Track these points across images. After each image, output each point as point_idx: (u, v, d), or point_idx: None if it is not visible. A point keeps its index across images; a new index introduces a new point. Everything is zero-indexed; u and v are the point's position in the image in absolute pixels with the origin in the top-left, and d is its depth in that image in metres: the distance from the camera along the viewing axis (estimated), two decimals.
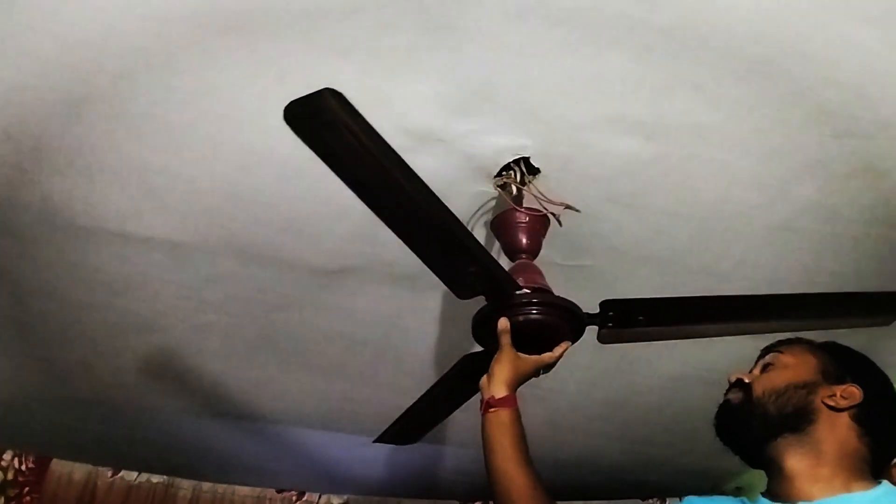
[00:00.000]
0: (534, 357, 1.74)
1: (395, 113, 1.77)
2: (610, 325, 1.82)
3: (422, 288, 2.40)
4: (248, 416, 3.26)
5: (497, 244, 1.99)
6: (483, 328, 1.79)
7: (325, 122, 1.37)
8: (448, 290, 2.37)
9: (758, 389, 1.49)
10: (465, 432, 3.35)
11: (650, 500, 3.79)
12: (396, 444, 2.37)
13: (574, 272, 2.24)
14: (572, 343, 1.79)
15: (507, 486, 1.62)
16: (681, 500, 1.62)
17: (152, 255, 2.29)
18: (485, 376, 1.73)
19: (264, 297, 2.50)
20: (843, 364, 1.49)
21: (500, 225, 1.92)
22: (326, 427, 3.33)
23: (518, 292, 1.74)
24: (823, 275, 2.26)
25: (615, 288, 2.30)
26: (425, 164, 1.90)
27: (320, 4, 1.51)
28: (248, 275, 2.37)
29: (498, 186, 1.95)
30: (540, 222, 1.89)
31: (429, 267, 1.71)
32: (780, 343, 1.59)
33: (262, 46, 1.61)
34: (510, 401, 1.70)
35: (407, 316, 2.54)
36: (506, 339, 1.73)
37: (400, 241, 2.19)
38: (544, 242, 1.91)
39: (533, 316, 1.74)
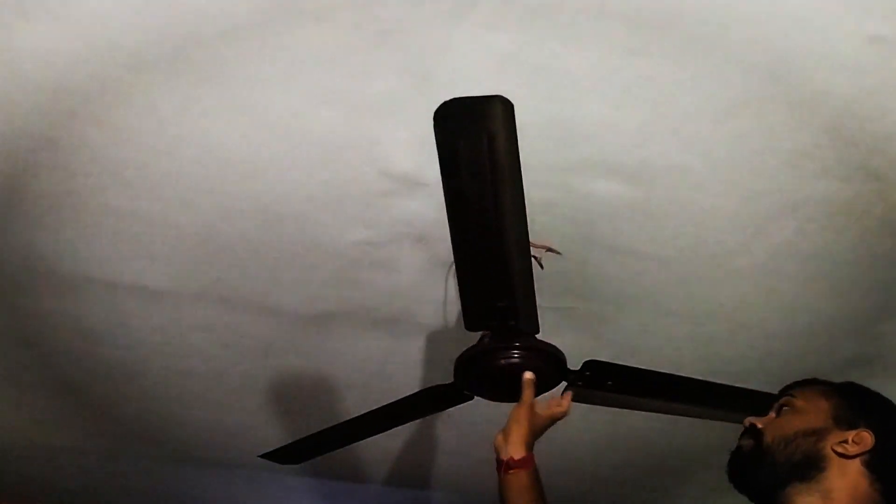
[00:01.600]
0: (547, 412, 1.74)
1: (377, 157, 1.78)
2: (580, 384, 1.84)
3: (404, 332, 2.40)
4: (231, 463, 3.22)
5: None
6: (471, 366, 1.80)
7: (475, 127, 1.34)
8: (431, 334, 2.39)
9: (768, 437, 1.49)
10: (452, 476, 3.33)
11: None
12: (282, 463, 2.42)
13: (555, 315, 2.24)
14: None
15: None
16: None
17: (134, 302, 2.28)
18: (499, 434, 1.71)
19: (246, 343, 2.48)
20: (857, 408, 1.47)
21: None
22: (311, 473, 3.30)
23: (532, 336, 1.77)
24: (803, 315, 2.27)
25: (597, 331, 2.31)
26: (408, 207, 1.92)
27: (301, 50, 1.53)
28: (231, 321, 2.36)
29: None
30: None
31: (460, 287, 1.70)
32: (795, 385, 1.58)
33: (244, 91, 1.63)
34: (529, 461, 1.69)
35: (389, 360, 2.53)
36: (529, 395, 1.72)
37: (381, 286, 2.21)
38: None
39: (522, 362, 1.76)
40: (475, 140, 1.35)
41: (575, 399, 1.86)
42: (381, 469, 3.27)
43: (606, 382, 1.84)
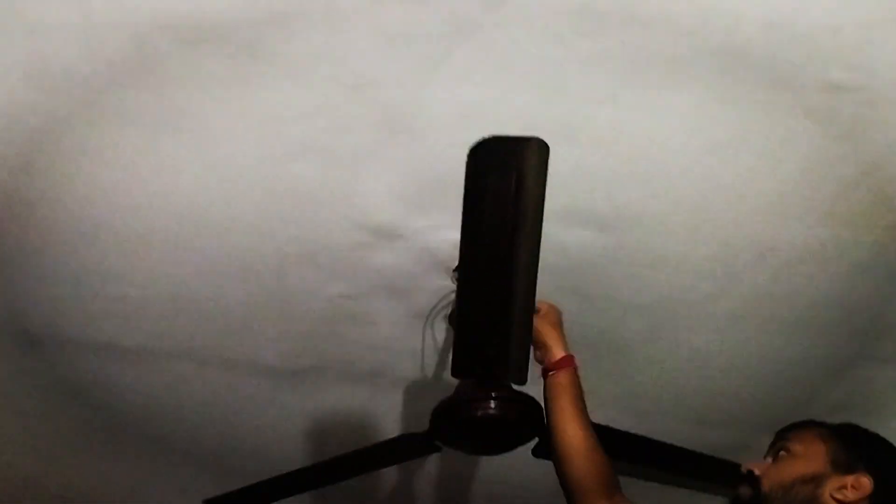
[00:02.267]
0: (555, 311, 1.78)
1: (354, 209, 1.79)
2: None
3: (382, 385, 2.38)
4: None
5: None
6: (446, 416, 1.79)
7: (506, 165, 1.33)
8: (410, 387, 2.37)
9: (766, 485, 1.48)
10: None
11: None
12: None
13: (531, 363, 2.24)
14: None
15: (565, 444, 1.69)
16: None
17: (110, 361, 2.25)
18: (536, 351, 1.74)
19: (225, 400, 2.45)
20: (854, 451, 1.46)
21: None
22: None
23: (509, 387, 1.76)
24: (781, 360, 2.28)
25: None
26: (384, 260, 1.93)
27: (276, 103, 1.54)
28: (206, 379, 2.34)
29: (456, 280, 1.96)
30: None
31: (458, 328, 1.68)
32: (792, 428, 1.57)
33: (218, 146, 1.64)
34: (571, 360, 1.74)
35: (368, 413, 2.50)
36: (548, 303, 1.75)
37: (358, 339, 2.19)
38: None
39: (498, 413, 1.76)
40: (504, 178, 1.35)
41: (540, 456, 1.87)
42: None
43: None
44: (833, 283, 2.01)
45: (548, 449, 1.91)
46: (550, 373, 1.74)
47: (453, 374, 1.75)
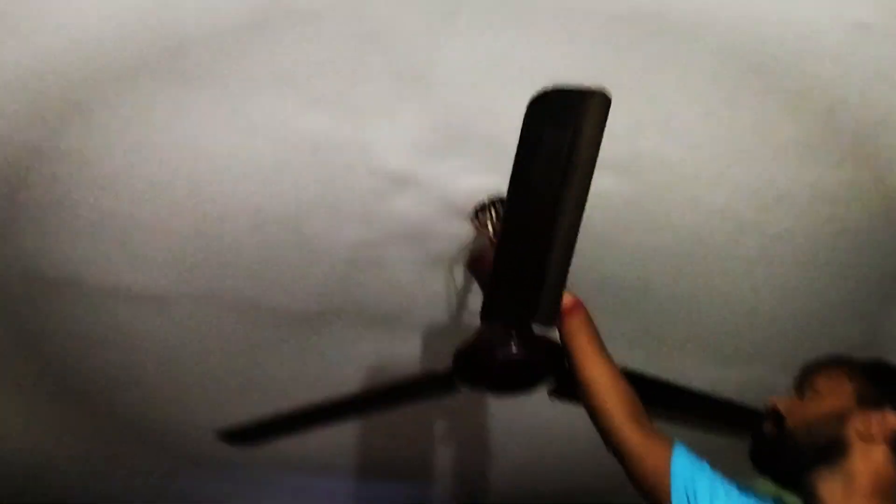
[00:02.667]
0: None
1: (370, 157, 1.78)
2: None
3: (399, 330, 2.40)
4: (229, 463, 3.21)
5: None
6: (469, 358, 1.81)
7: (565, 116, 1.31)
8: (426, 332, 2.39)
9: (790, 422, 1.48)
10: (449, 468, 3.34)
11: None
12: (241, 444, 2.38)
13: None
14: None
15: (590, 380, 1.72)
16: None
17: (128, 307, 2.27)
18: None
19: (244, 345, 2.48)
20: (883, 388, 1.45)
21: (476, 262, 1.93)
22: (308, 471, 3.30)
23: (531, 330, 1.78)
24: (802, 300, 2.28)
25: (597, 322, 2.30)
26: (402, 207, 1.92)
27: (291, 54, 1.52)
28: (227, 322, 2.35)
29: (474, 225, 1.95)
30: None
31: (495, 273, 1.67)
32: (819, 365, 1.56)
33: (234, 96, 1.62)
34: (580, 303, 1.78)
35: (385, 359, 2.53)
36: None
37: (375, 285, 2.20)
38: None
39: (519, 356, 1.78)
40: (561, 130, 1.33)
41: (559, 398, 1.90)
42: (379, 462, 3.27)
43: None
44: (853, 224, 1.99)
45: (565, 391, 1.94)
46: (569, 317, 1.76)
47: (483, 316, 1.74)
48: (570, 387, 1.90)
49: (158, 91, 1.60)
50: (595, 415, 1.73)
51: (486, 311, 1.73)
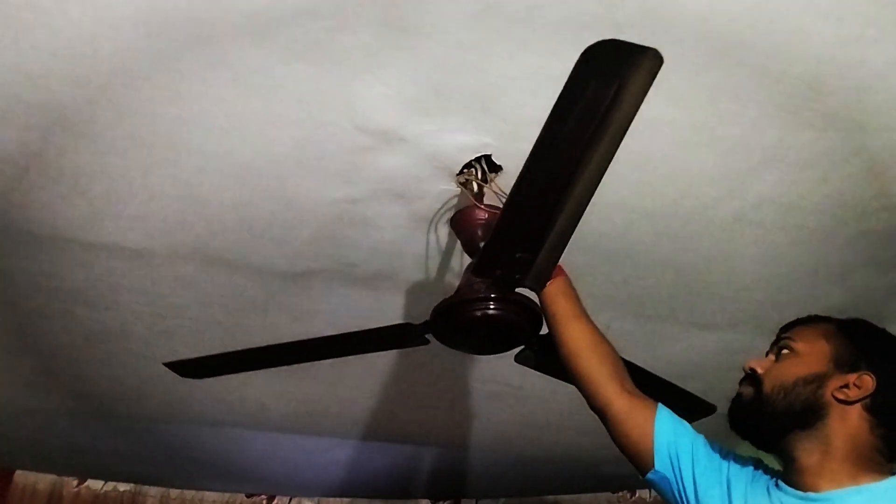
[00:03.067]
0: None
1: (355, 112, 1.76)
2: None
3: (385, 289, 2.40)
4: (214, 422, 3.22)
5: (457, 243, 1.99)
6: (447, 314, 1.79)
7: (611, 71, 1.26)
8: (412, 290, 2.39)
9: (767, 385, 1.47)
10: (434, 432, 3.35)
11: (620, 493, 3.81)
12: (183, 375, 2.21)
13: None
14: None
15: (571, 342, 1.74)
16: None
17: (113, 262, 2.25)
18: None
19: (228, 302, 2.47)
20: (860, 349, 1.44)
21: (460, 221, 1.92)
22: (294, 430, 3.31)
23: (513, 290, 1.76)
24: (785, 264, 2.29)
25: (581, 284, 2.30)
26: (387, 163, 1.90)
27: (273, 7, 1.49)
28: (212, 279, 2.34)
29: (460, 184, 1.95)
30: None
31: (497, 228, 1.61)
32: (797, 323, 1.55)
33: (217, 50, 1.59)
34: (560, 269, 1.80)
35: (371, 317, 2.51)
36: None
37: (361, 243, 2.19)
38: None
39: (498, 314, 1.76)
40: (605, 84, 1.28)
41: (526, 364, 1.91)
42: (359, 425, 3.29)
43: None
44: (839, 190, 1.99)
45: (532, 356, 1.95)
46: (549, 282, 1.76)
47: (475, 271, 1.73)
48: (540, 352, 1.92)
49: (142, 48, 1.57)
50: (577, 377, 1.74)
51: (478, 267, 1.71)
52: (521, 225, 1.58)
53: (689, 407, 1.88)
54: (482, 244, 1.79)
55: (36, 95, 1.68)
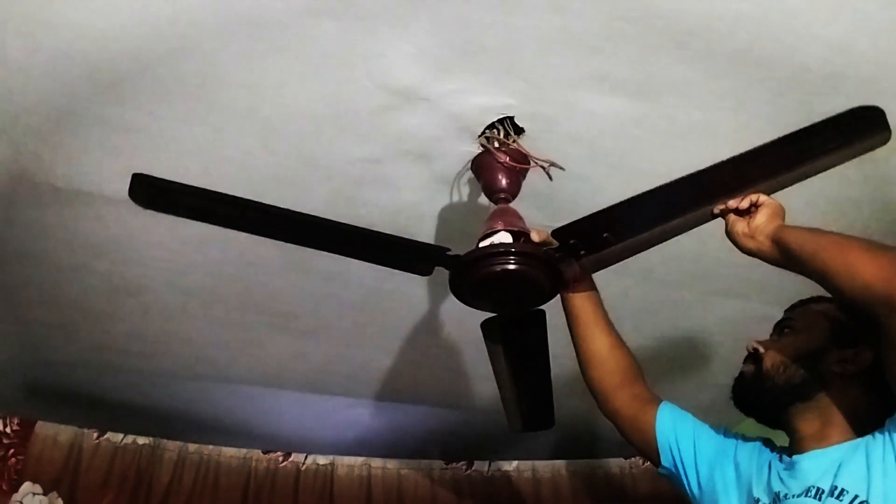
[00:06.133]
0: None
1: (378, 70, 1.75)
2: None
3: None
4: (232, 379, 3.25)
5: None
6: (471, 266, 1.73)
7: (848, 132, 1.39)
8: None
9: (767, 362, 1.53)
10: (448, 393, 3.37)
11: (632, 459, 3.83)
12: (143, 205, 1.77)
13: None
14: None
15: (590, 350, 1.82)
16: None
17: (133, 218, 2.26)
18: None
19: (247, 260, 2.48)
20: (858, 325, 1.48)
21: (481, 165, 1.91)
22: (310, 390, 3.34)
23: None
24: None
25: None
26: (409, 123, 1.90)
27: None
28: (230, 237, 2.34)
29: (482, 145, 1.93)
30: (520, 164, 1.87)
31: (599, 213, 1.65)
32: (799, 304, 1.62)
33: (240, 6, 1.58)
34: (587, 276, 1.83)
35: (389, 278, 2.52)
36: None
37: (381, 204, 2.19)
38: (526, 203, 1.90)
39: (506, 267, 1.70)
40: (834, 138, 1.41)
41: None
42: (374, 386, 3.31)
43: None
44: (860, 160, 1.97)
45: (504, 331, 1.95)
46: (572, 287, 1.82)
47: (556, 234, 1.69)
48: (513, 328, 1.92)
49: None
50: (590, 384, 1.85)
51: (564, 229, 1.68)
52: (637, 212, 1.62)
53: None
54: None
55: (62, 49, 1.68)
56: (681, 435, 1.70)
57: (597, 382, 1.84)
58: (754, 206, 1.53)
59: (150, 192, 1.71)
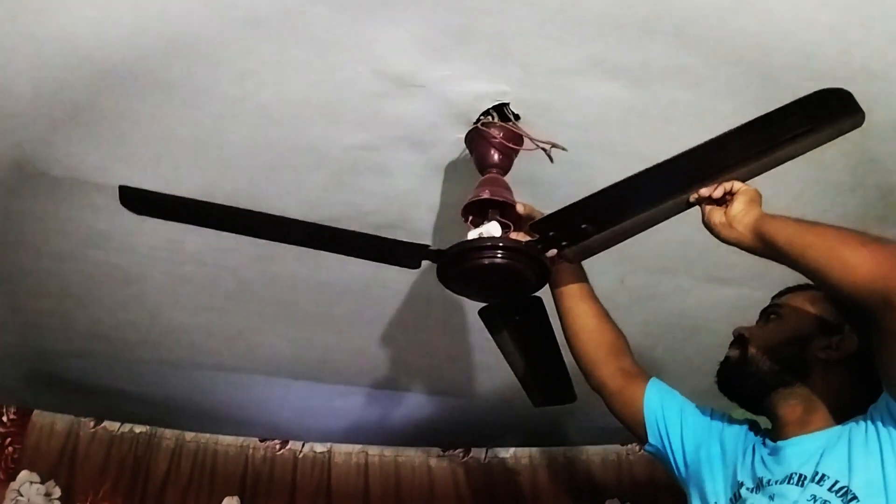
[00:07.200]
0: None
1: (372, 56, 1.74)
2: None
3: (399, 237, 2.38)
4: (230, 367, 3.26)
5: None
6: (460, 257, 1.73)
7: (817, 115, 1.39)
8: (426, 239, 2.37)
9: (753, 347, 1.54)
10: (445, 381, 3.38)
11: (628, 446, 3.85)
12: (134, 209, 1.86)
13: None
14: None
15: (577, 323, 1.82)
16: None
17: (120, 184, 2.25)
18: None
19: (243, 248, 2.47)
20: (844, 311, 1.48)
21: (475, 139, 1.89)
22: (307, 377, 3.34)
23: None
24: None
25: None
26: (404, 110, 1.89)
27: None
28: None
29: (478, 133, 1.92)
30: (513, 141, 1.86)
31: (585, 200, 1.64)
32: (786, 291, 1.62)
33: None
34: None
35: (385, 266, 2.52)
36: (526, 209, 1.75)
37: (377, 191, 2.18)
38: (521, 190, 1.89)
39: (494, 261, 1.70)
40: (803, 122, 1.41)
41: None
42: (371, 374, 3.31)
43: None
44: (849, 142, 1.96)
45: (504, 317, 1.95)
46: (559, 262, 1.78)
47: (532, 227, 1.70)
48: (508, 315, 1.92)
49: None
50: (577, 357, 1.84)
51: (540, 223, 1.69)
52: (613, 202, 1.60)
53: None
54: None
55: (58, 39, 1.67)
56: (668, 412, 1.71)
57: (583, 355, 1.83)
58: (729, 195, 1.50)
59: (138, 202, 1.82)
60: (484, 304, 1.95)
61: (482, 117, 1.88)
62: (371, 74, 1.78)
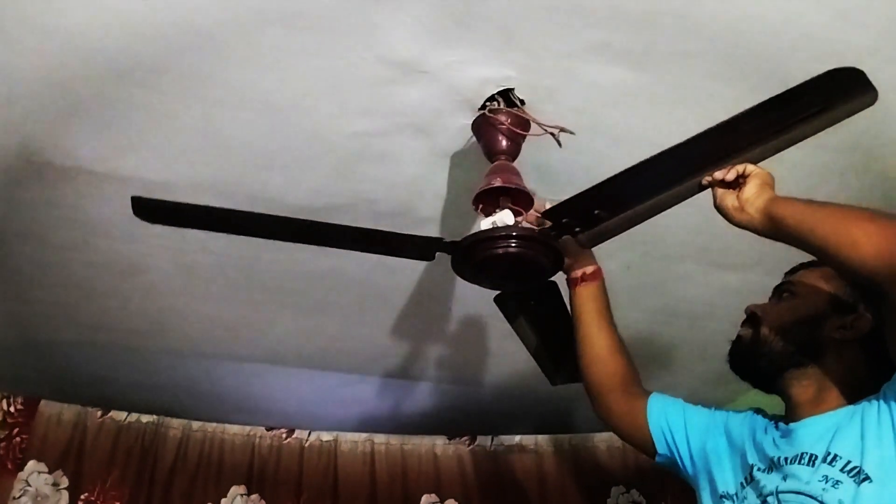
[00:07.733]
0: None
1: (377, 42, 1.73)
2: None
3: (405, 226, 2.37)
4: (236, 356, 3.26)
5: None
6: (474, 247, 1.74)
7: (831, 94, 1.37)
8: (432, 227, 2.38)
9: (766, 326, 1.52)
10: (451, 370, 3.38)
11: None
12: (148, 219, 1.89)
13: None
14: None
15: (592, 350, 1.82)
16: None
17: (134, 195, 2.25)
18: (566, 259, 1.80)
19: (250, 237, 2.47)
20: (858, 291, 1.47)
21: (482, 125, 1.89)
22: (313, 366, 3.34)
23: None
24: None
25: None
26: (409, 96, 1.88)
27: None
28: None
29: (483, 119, 1.92)
30: (521, 126, 1.85)
31: (591, 190, 1.65)
32: (799, 268, 1.60)
33: None
34: (599, 273, 1.86)
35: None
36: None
37: (381, 178, 2.18)
38: (528, 177, 1.89)
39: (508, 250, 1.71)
40: (816, 101, 1.40)
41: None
42: (377, 362, 3.32)
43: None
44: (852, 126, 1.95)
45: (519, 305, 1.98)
46: (583, 283, 1.82)
47: (544, 214, 1.70)
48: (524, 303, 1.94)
49: None
50: (587, 383, 1.85)
51: (553, 210, 1.69)
52: (626, 187, 1.59)
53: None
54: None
55: (64, 29, 1.67)
56: (671, 417, 1.71)
57: (594, 384, 1.84)
58: (742, 178, 1.49)
59: (152, 212, 1.84)
60: (497, 292, 1.94)
61: (488, 103, 1.87)
62: (376, 61, 1.78)
